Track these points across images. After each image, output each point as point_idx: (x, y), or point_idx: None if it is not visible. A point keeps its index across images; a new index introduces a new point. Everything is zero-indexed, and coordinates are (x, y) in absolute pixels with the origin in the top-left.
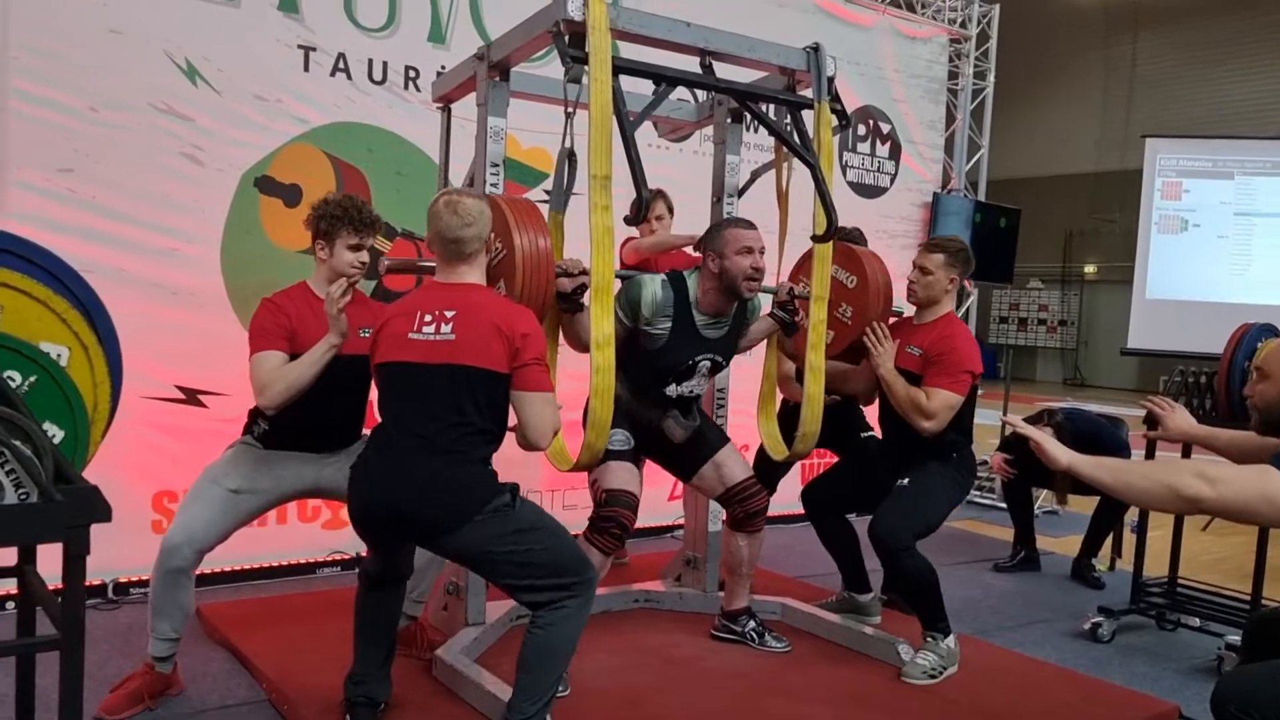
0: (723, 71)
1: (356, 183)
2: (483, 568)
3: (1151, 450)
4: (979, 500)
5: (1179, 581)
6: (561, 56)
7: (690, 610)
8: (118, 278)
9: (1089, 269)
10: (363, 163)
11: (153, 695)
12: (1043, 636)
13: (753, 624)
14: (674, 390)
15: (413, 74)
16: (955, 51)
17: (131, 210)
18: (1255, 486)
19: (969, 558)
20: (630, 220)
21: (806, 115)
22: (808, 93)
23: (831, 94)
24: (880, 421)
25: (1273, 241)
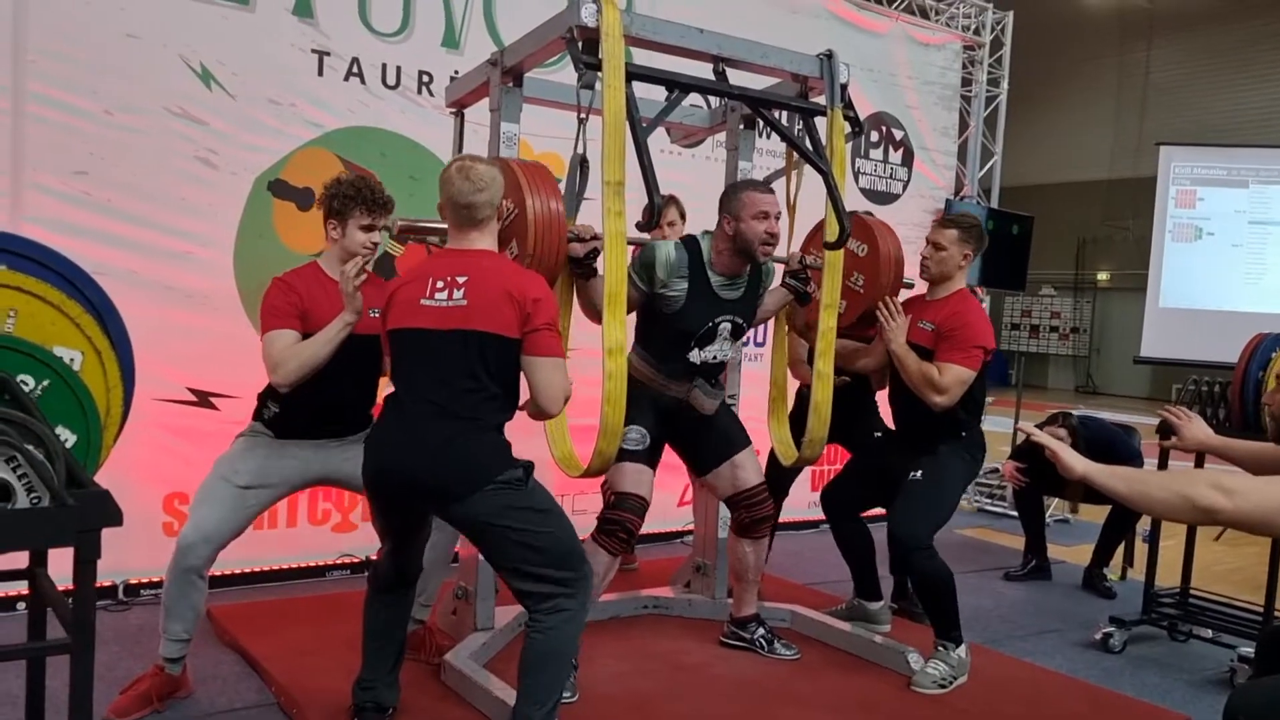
0: (736, 78)
1: None
2: (488, 541)
3: (1165, 459)
4: (990, 508)
5: (1191, 592)
6: (575, 62)
7: (699, 617)
8: (131, 280)
9: (1102, 276)
10: (376, 167)
11: (162, 697)
12: (1053, 646)
13: (762, 631)
14: (697, 356)
15: (426, 79)
16: (969, 58)
17: (145, 213)
18: (1274, 498)
19: (980, 566)
20: (643, 226)
21: (819, 122)
22: (821, 99)
23: (844, 101)
24: (890, 401)
25: None
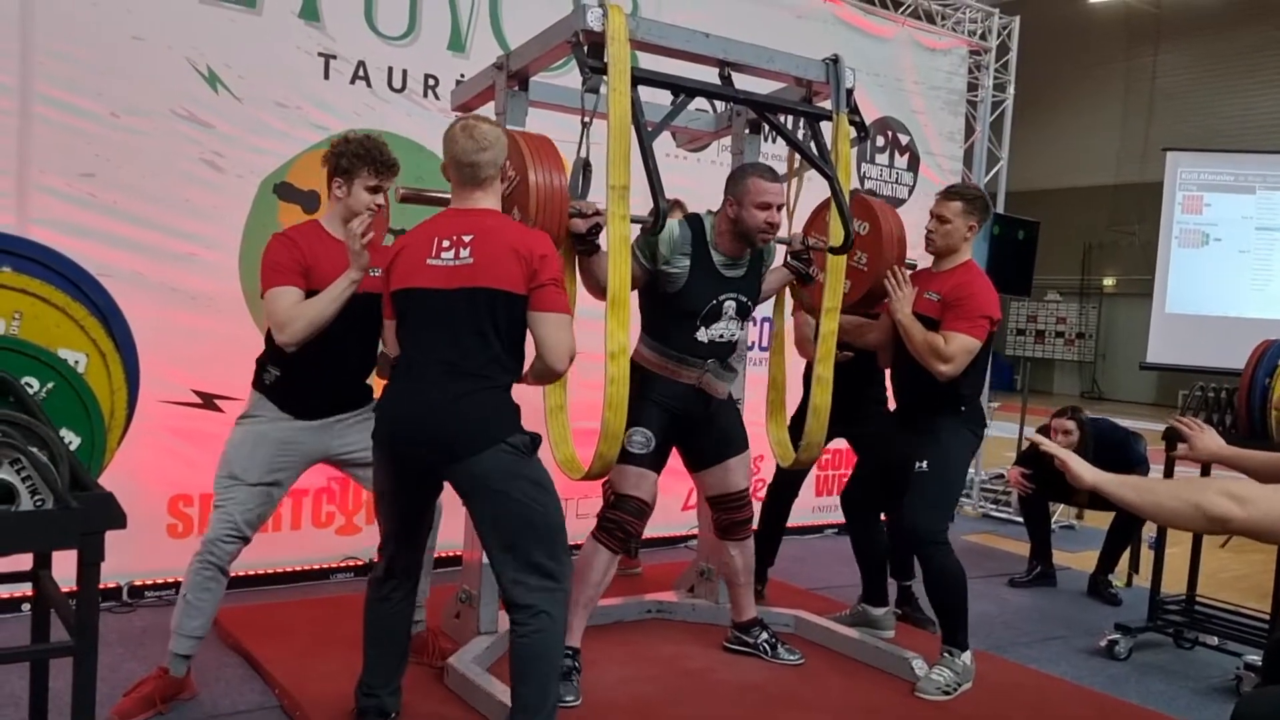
0: (741, 82)
1: None
2: (488, 506)
3: (1171, 466)
4: (995, 514)
5: (1197, 599)
6: (580, 67)
7: (703, 621)
8: (136, 282)
9: (1108, 282)
10: None
11: (165, 699)
12: (1058, 653)
13: (765, 636)
14: (704, 335)
15: (432, 82)
16: (975, 63)
17: (151, 215)
18: None
19: (985, 572)
20: (648, 230)
21: (825, 126)
22: (826, 104)
23: (850, 105)
24: (893, 377)
25: None
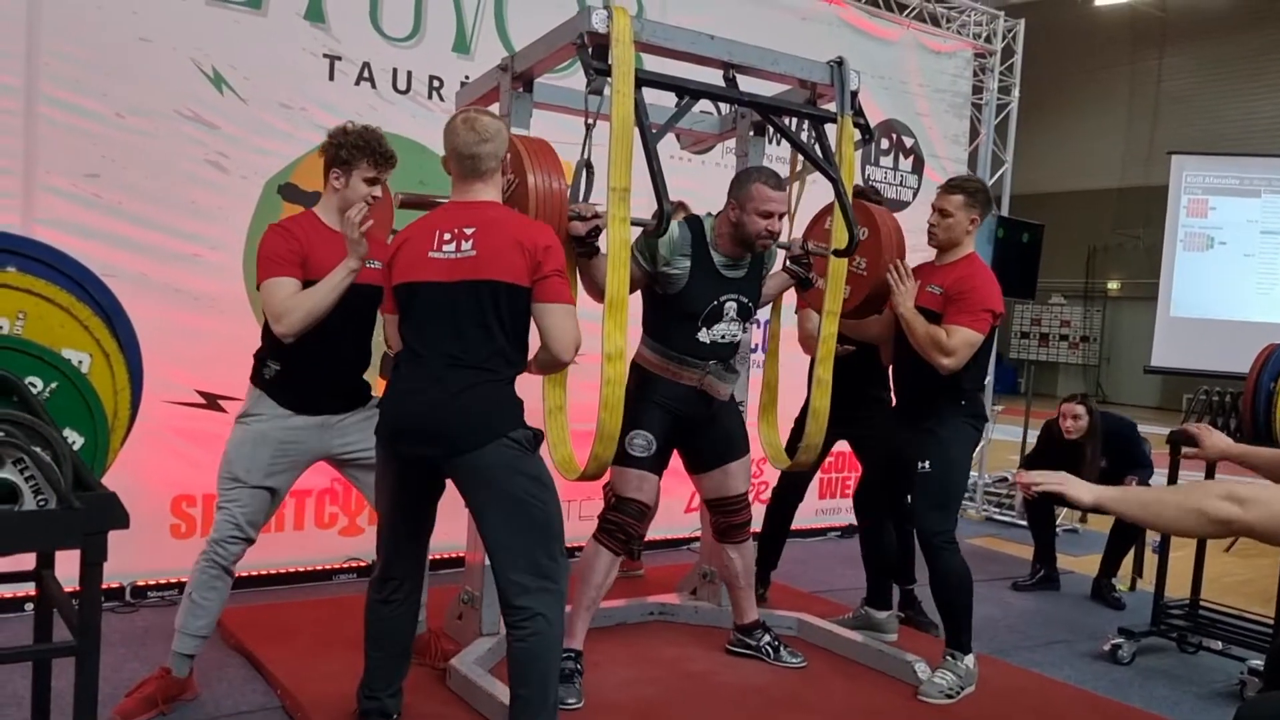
0: (746, 84)
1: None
2: (490, 501)
3: (1175, 468)
4: (998, 517)
5: (1201, 604)
6: (585, 68)
7: (706, 624)
8: (140, 283)
9: (1112, 285)
10: None
11: (167, 700)
12: (1061, 657)
13: (768, 638)
14: (706, 336)
15: (437, 84)
16: (980, 66)
17: (155, 216)
18: None
19: (988, 576)
20: (651, 233)
21: (829, 129)
22: (831, 106)
23: (855, 108)
24: (894, 371)
25: None
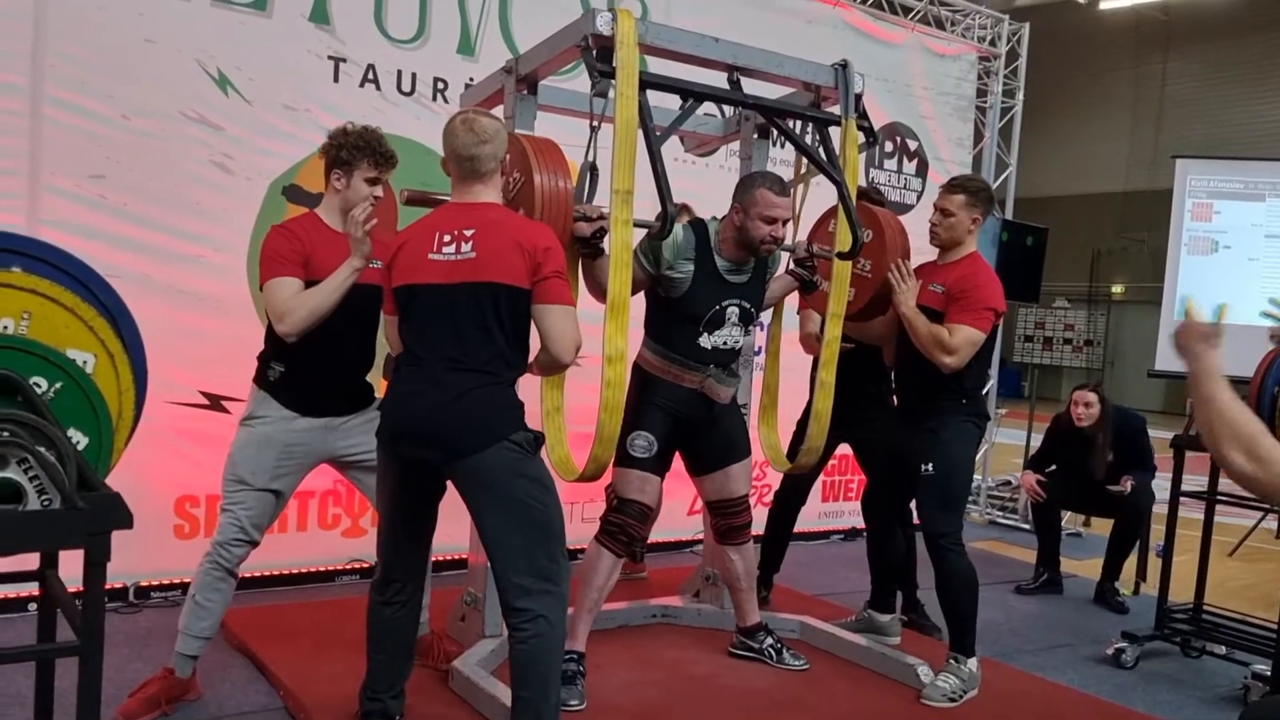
0: (750, 87)
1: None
2: (492, 503)
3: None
4: (1002, 521)
5: (1205, 608)
6: (589, 70)
7: (708, 626)
8: (144, 283)
9: (1116, 289)
10: None
11: (170, 700)
12: (1064, 661)
13: (770, 641)
14: (707, 341)
15: (441, 85)
16: (984, 69)
17: (160, 217)
18: None
19: (991, 579)
20: (655, 235)
21: (834, 131)
22: (835, 109)
23: (859, 111)
24: (896, 371)
25: None
